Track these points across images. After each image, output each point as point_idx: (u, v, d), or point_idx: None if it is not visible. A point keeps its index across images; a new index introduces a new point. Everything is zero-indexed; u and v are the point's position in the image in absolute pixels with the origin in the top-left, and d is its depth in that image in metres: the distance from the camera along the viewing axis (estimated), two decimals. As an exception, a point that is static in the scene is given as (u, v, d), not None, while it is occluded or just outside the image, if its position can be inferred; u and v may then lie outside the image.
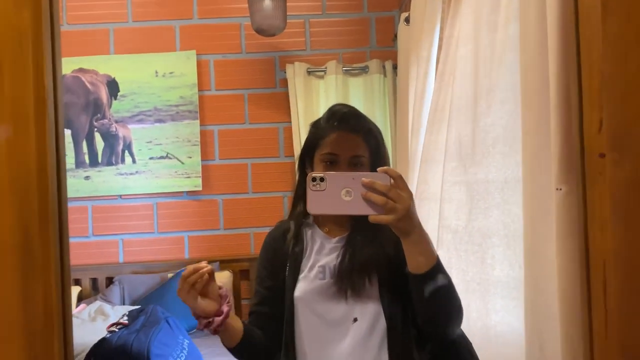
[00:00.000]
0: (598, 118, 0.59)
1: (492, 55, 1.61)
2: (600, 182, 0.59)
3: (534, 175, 1.17)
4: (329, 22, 3.70)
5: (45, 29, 0.54)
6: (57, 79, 0.58)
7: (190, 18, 3.66)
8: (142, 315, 2.42)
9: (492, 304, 1.57)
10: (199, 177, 3.62)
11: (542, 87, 1.13)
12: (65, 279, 0.64)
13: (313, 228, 1.32)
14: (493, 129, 1.59)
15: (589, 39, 0.59)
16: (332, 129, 1.26)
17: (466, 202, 1.75)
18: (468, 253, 1.72)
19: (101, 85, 3.61)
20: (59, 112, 0.61)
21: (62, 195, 0.64)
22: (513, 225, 1.48)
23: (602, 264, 0.60)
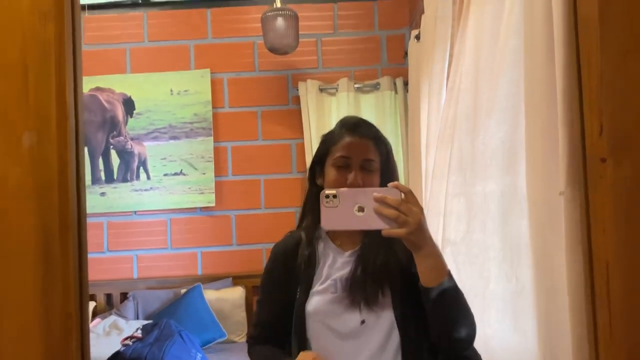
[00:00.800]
0: (598, 123, 0.60)
1: (492, 68, 1.63)
2: (601, 186, 0.61)
3: (540, 184, 1.18)
4: (340, 40, 3.75)
5: (68, 42, 0.57)
6: (78, 89, 0.61)
7: (204, 37, 3.73)
8: (155, 329, 2.44)
9: (488, 317, 1.57)
10: (212, 193, 3.66)
11: (547, 96, 1.14)
12: (83, 289, 0.66)
13: (325, 241, 1.32)
14: (491, 142, 1.60)
15: (588, 47, 0.61)
16: (343, 135, 1.27)
17: (464, 215, 1.75)
18: (466, 265, 1.72)
19: (117, 103, 3.69)
20: (79, 122, 0.64)
21: (81, 201, 0.66)
22: (509, 238, 1.48)
23: (605, 266, 0.60)
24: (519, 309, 1.44)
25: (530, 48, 1.26)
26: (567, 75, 0.87)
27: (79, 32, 0.61)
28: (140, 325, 2.57)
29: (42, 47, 0.57)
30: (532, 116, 1.25)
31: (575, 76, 0.63)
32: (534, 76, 1.24)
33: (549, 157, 1.14)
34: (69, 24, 0.58)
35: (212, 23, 3.74)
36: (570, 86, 0.88)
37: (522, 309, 1.42)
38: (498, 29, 1.61)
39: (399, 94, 3.59)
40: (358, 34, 3.75)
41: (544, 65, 1.16)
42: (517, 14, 1.47)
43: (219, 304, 3.36)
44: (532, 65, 1.26)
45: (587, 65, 0.61)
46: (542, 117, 1.16)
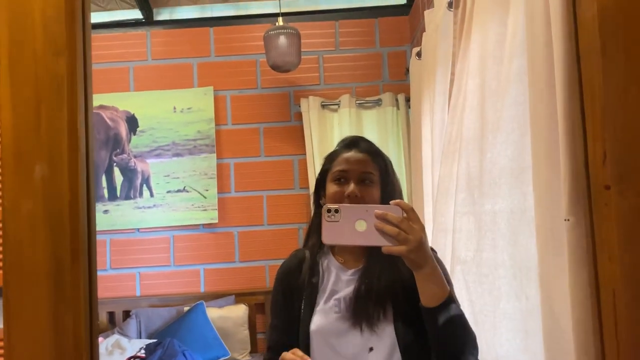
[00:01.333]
0: (601, 151, 0.61)
1: (498, 88, 1.64)
2: (606, 213, 0.61)
3: (545, 206, 1.18)
4: (342, 57, 3.79)
5: (79, 74, 0.59)
6: (89, 120, 0.62)
7: (207, 56, 3.77)
8: (159, 349, 2.43)
9: (499, 337, 1.56)
10: (215, 209, 3.66)
11: (550, 119, 1.15)
12: (93, 311, 0.67)
13: (329, 258, 1.33)
14: (499, 160, 1.61)
15: (590, 77, 0.62)
16: (341, 151, 1.32)
17: (475, 233, 1.75)
18: (476, 284, 1.71)
19: (121, 121, 3.71)
20: (89, 150, 0.65)
21: (91, 229, 0.67)
22: (519, 256, 1.48)
23: (611, 293, 0.61)
24: (529, 328, 1.43)
25: (533, 73, 1.28)
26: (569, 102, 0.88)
27: (90, 64, 0.62)
28: (144, 345, 2.56)
29: (55, 82, 0.58)
30: (536, 139, 1.26)
31: (577, 105, 0.64)
32: (537, 100, 1.25)
33: (553, 181, 1.15)
34: (80, 57, 0.60)
35: (215, 41, 3.77)
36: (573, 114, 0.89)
37: (533, 328, 1.41)
38: (502, 50, 1.63)
39: (401, 110, 3.61)
40: (359, 50, 3.78)
41: (546, 90, 1.17)
42: (520, 35, 1.49)
43: (221, 321, 3.35)
44: (534, 89, 1.27)
45: (590, 95, 0.62)
46: (545, 140, 1.17)
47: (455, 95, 2.07)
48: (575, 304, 0.81)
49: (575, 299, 0.80)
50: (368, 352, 1.20)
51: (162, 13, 3.97)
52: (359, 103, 3.62)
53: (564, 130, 0.89)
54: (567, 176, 0.80)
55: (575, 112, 0.64)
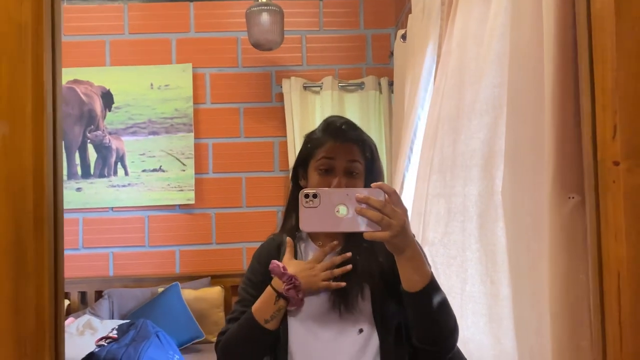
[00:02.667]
0: (612, 124, 0.58)
1: (476, 70, 1.62)
2: (614, 191, 0.58)
3: (522, 189, 1.16)
4: (325, 38, 3.72)
5: (46, 22, 0.53)
6: (57, 76, 0.56)
7: (187, 31, 3.66)
8: (132, 330, 2.37)
9: (465, 320, 1.56)
10: (192, 190, 3.59)
11: (533, 98, 1.12)
12: (58, 287, 0.62)
13: (307, 242, 1.30)
14: (472, 143, 1.59)
15: (602, 44, 0.58)
16: (327, 138, 1.24)
17: (444, 215, 1.74)
18: (444, 266, 1.71)
19: (95, 96, 3.59)
20: (57, 114, 0.59)
21: (58, 200, 0.61)
22: (485, 240, 1.47)
23: (616, 276, 0.58)
24: (492, 312, 1.43)
25: (516, 51, 1.25)
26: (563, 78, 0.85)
27: (60, 11, 0.56)
28: (116, 325, 2.50)
29: (17, 30, 0.52)
30: (514, 120, 1.23)
31: (587, 76, 0.60)
32: (519, 79, 1.23)
33: (533, 162, 1.12)
34: (47, 3, 0.53)
35: (195, 17, 3.67)
36: (565, 90, 0.86)
37: (496, 313, 1.41)
38: (483, 31, 1.60)
39: (384, 94, 3.57)
40: (343, 32, 3.72)
41: (531, 69, 1.14)
42: (502, 17, 1.46)
43: (197, 303, 3.30)
44: (517, 68, 1.24)
45: (601, 64, 0.59)
46: (527, 121, 1.14)
47: (439, 78, 2.04)
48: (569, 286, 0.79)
49: (570, 281, 0.78)
50: (358, 334, 1.17)
51: (141, -14, 3.84)
52: (341, 86, 3.57)
53: (556, 104, 0.86)
54: (567, 152, 0.77)
55: (584, 81, 0.61)
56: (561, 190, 0.78)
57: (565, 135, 0.79)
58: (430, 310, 1.08)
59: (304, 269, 1.17)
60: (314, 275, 1.16)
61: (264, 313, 1.17)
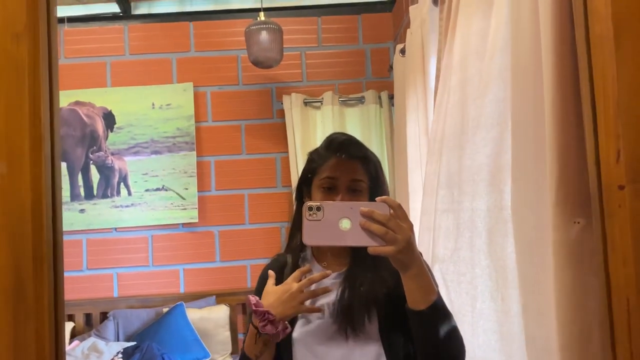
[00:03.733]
0: (615, 148, 0.57)
1: (479, 85, 1.61)
2: (620, 215, 0.57)
3: (526, 205, 1.15)
4: (324, 54, 3.74)
5: (43, 63, 0.52)
6: (55, 113, 0.56)
7: (187, 51, 3.68)
8: (137, 353, 2.35)
9: (476, 338, 1.53)
10: (195, 208, 3.59)
11: (535, 115, 1.11)
12: (59, 319, 0.61)
13: (311, 262, 1.28)
14: (477, 158, 1.58)
15: (602, 69, 0.58)
16: (330, 155, 1.23)
17: (453, 231, 1.72)
18: (454, 283, 1.68)
19: (97, 117, 3.61)
20: (55, 147, 0.59)
21: (57, 234, 0.61)
22: (495, 256, 1.45)
23: (625, 301, 0.57)
24: (503, 330, 1.40)
25: (517, 67, 1.24)
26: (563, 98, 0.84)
27: (55, 50, 0.56)
28: (121, 349, 2.48)
29: (14, 69, 0.51)
30: (518, 136, 1.22)
31: (588, 100, 0.59)
32: (521, 95, 1.22)
33: (536, 179, 1.11)
34: (44, 42, 0.53)
35: (195, 36, 3.69)
36: (566, 110, 0.85)
37: (507, 330, 1.39)
38: (484, 45, 1.60)
39: (384, 108, 3.57)
40: (342, 47, 3.74)
41: (531, 85, 1.14)
42: (503, 31, 1.46)
43: (202, 323, 3.28)
44: (519, 84, 1.24)
45: (602, 90, 0.58)
46: (530, 138, 1.13)
47: (441, 92, 2.03)
48: (578, 312, 0.77)
49: (579, 307, 0.76)
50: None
51: (140, 7, 3.86)
52: (342, 100, 3.58)
53: (556, 126, 0.85)
54: (572, 176, 0.76)
55: (586, 106, 0.60)
56: (566, 215, 0.77)
57: (568, 159, 0.78)
58: (435, 329, 1.05)
59: (280, 296, 1.12)
60: (292, 299, 1.10)
61: (252, 349, 1.15)
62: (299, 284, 1.11)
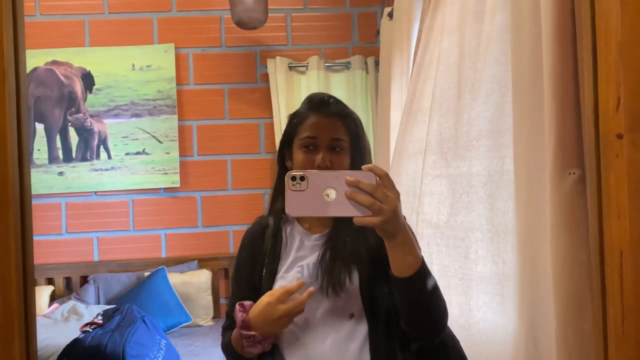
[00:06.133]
0: (616, 95, 0.54)
1: (478, 47, 1.58)
2: (617, 165, 0.55)
3: (527, 169, 1.13)
4: (310, 16, 3.65)
5: (7, 17, 0.48)
6: (19, 49, 0.52)
7: (168, 10, 3.57)
8: (117, 315, 2.34)
9: (475, 300, 1.54)
10: (177, 173, 3.54)
11: (535, 77, 1.09)
12: (27, 276, 0.58)
13: (293, 224, 1.27)
14: (477, 122, 1.55)
15: (606, 12, 0.55)
16: (310, 114, 1.21)
17: (447, 196, 1.71)
18: (450, 248, 1.68)
19: (76, 78, 3.50)
20: (21, 90, 0.55)
21: (24, 181, 0.57)
22: (497, 220, 1.45)
23: (618, 254, 0.55)
24: (505, 292, 1.41)
25: (517, 25, 1.21)
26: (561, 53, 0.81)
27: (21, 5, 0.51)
28: (101, 311, 2.46)
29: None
30: (519, 96, 1.20)
31: (589, 45, 0.57)
32: (520, 54, 1.20)
33: (535, 139, 1.10)
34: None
35: (176, -5, 3.57)
36: (563, 65, 0.83)
37: (509, 293, 1.40)
38: (482, 7, 1.56)
39: (370, 74, 3.53)
40: (329, 10, 3.66)
41: (531, 43, 1.11)
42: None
43: (184, 287, 3.27)
44: (518, 43, 1.21)
45: (605, 33, 0.55)
46: (529, 96, 1.11)
47: (422, 54, 1.99)
48: (569, 266, 0.76)
49: (570, 262, 0.75)
50: (349, 319, 1.15)
51: (120, -37, 3.72)
52: (327, 66, 3.52)
53: (555, 77, 0.82)
54: (567, 126, 0.74)
55: (587, 52, 0.58)
56: (561, 166, 0.75)
57: (566, 108, 0.76)
58: (420, 295, 1.05)
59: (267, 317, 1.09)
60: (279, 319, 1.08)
61: (238, 348, 1.17)
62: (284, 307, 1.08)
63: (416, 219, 1.87)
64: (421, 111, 1.95)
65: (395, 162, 2.14)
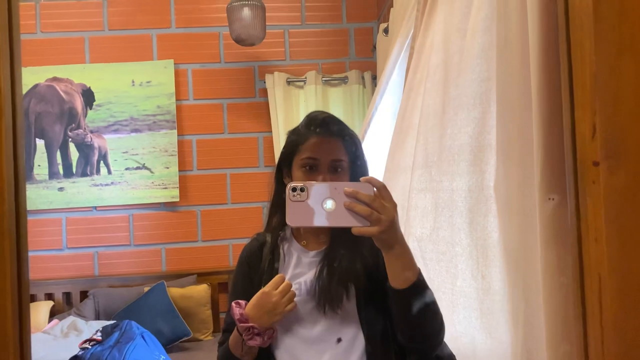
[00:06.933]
0: (591, 124, 0.56)
1: (460, 63, 1.60)
2: (594, 191, 0.56)
3: (513, 184, 1.15)
4: (308, 32, 3.69)
5: (2, 35, 0.50)
6: (15, 76, 0.54)
7: (168, 27, 3.61)
8: (116, 331, 2.34)
9: (456, 315, 1.55)
10: (177, 187, 3.56)
11: (522, 96, 1.11)
12: (22, 289, 0.59)
13: (290, 241, 1.28)
14: (459, 137, 1.57)
15: (580, 43, 0.57)
16: (311, 133, 1.22)
17: (431, 210, 1.73)
18: (433, 262, 1.69)
19: (76, 94, 3.53)
20: (17, 115, 0.57)
21: (20, 199, 0.59)
22: (475, 235, 1.46)
23: (597, 278, 0.57)
24: (485, 307, 1.42)
25: (504, 46, 1.23)
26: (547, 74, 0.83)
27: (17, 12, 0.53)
28: (100, 327, 2.47)
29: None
30: (504, 115, 1.22)
31: (566, 76, 0.59)
32: (507, 74, 1.22)
33: (523, 158, 1.11)
34: (3, 3, 0.51)
35: (175, 12, 3.61)
36: (550, 87, 0.85)
37: (488, 307, 1.41)
38: (466, 25, 1.59)
39: (367, 88, 3.56)
40: (326, 26, 3.69)
41: (518, 64, 1.13)
42: (485, 10, 1.45)
43: (183, 301, 3.27)
44: (505, 63, 1.23)
45: (580, 63, 0.57)
46: (516, 116, 1.13)
47: (413, 71, 2.02)
48: (552, 287, 0.78)
49: (552, 282, 0.77)
50: (336, 343, 1.16)
51: (120, -19, 3.77)
52: (325, 80, 3.55)
53: (542, 102, 0.84)
54: (547, 151, 0.76)
55: (564, 82, 0.60)
56: (543, 191, 0.77)
57: (550, 135, 0.78)
58: (417, 307, 1.06)
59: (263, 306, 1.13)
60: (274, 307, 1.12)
61: (237, 349, 1.17)
62: (280, 290, 1.13)
63: (404, 232, 1.89)
64: (411, 127, 1.98)
65: (386, 177, 2.16)
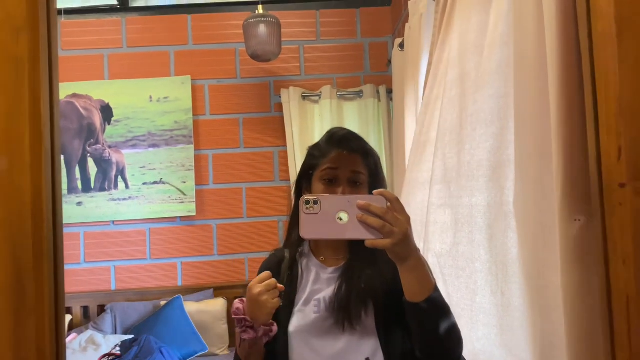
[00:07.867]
0: (617, 146, 0.57)
1: (477, 79, 1.61)
2: (621, 213, 0.57)
3: (531, 201, 1.15)
4: (323, 47, 3.72)
5: (43, 58, 0.52)
6: (55, 108, 0.56)
7: (185, 44, 3.66)
8: (135, 346, 2.36)
9: (475, 332, 1.54)
10: (193, 202, 3.58)
11: (538, 111, 1.11)
12: (59, 315, 0.61)
13: (309, 257, 1.28)
14: (477, 153, 1.57)
15: (605, 65, 0.57)
16: (331, 149, 1.23)
17: (451, 226, 1.72)
18: (452, 277, 1.69)
19: (95, 110, 3.59)
20: (55, 142, 0.59)
21: (57, 229, 0.61)
22: (495, 251, 1.46)
23: (625, 299, 0.57)
24: (504, 324, 1.41)
25: (521, 62, 1.24)
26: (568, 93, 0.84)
27: (56, 43, 0.55)
28: (119, 342, 2.48)
29: (14, 64, 0.51)
30: (521, 132, 1.22)
31: (590, 97, 0.59)
32: (525, 91, 1.22)
33: (541, 174, 1.11)
34: (44, 35, 0.53)
35: (192, 29, 3.67)
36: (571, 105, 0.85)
37: (507, 324, 1.39)
38: (483, 40, 1.60)
39: (382, 102, 3.57)
40: (341, 41, 3.73)
41: (536, 80, 1.14)
42: (502, 26, 1.46)
43: (200, 316, 3.28)
44: (522, 80, 1.23)
45: (604, 86, 0.58)
46: (533, 133, 1.13)
47: (431, 86, 2.03)
48: (579, 309, 0.77)
49: (580, 305, 0.76)
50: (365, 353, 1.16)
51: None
52: (340, 94, 3.57)
53: (561, 122, 0.85)
54: (574, 173, 0.76)
55: (588, 104, 0.60)
56: (568, 212, 0.77)
57: (573, 157, 0.78)
58: (433, 322, 1.05)
59: (249, 297, 1.11)
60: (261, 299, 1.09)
61: (241, 352, 1.17)
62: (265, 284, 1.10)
63: (423, 247, 1.88)
64: (429, 142, 1.98)
65: (405, 192, 2.16)
